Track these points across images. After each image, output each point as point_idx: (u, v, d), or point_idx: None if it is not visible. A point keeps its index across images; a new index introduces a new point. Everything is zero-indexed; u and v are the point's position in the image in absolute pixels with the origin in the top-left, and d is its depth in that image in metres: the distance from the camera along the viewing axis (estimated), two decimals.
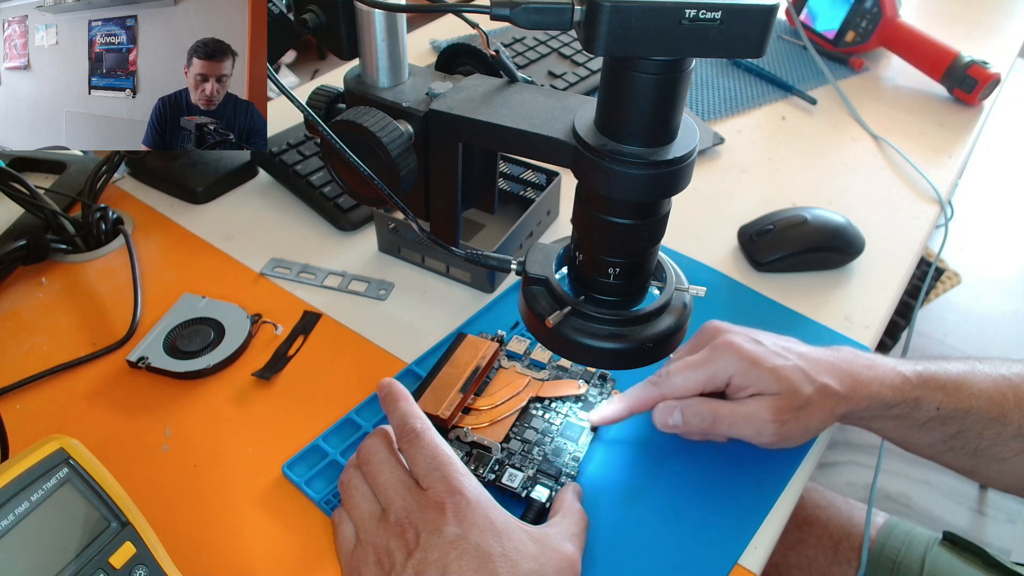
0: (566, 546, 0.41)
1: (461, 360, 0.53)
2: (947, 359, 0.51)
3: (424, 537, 0.39)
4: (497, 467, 0.49)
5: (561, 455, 0.50)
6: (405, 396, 0.45)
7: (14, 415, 0.52)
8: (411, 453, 0.42)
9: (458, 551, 0.38)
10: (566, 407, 0.53)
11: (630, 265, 0.41)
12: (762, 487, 0.49)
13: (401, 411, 0.44)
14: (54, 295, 0.62)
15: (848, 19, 0.99)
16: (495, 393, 0.53)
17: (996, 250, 2.15)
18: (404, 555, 0.39)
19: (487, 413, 0.52)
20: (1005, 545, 1.43)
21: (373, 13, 0.42)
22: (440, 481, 0.40)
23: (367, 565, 0.40)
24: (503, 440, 0.50)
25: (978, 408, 0.49)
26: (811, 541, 0.70)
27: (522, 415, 0.52)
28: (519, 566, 0.38)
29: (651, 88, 0.33)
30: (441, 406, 0.50)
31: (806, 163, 0.82)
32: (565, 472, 0.48)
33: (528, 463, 0.49)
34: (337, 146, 0.40)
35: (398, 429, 0.43)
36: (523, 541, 0.40)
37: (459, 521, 0.39)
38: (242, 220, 0.70)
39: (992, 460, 0.50)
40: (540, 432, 0.51)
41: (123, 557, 0.38)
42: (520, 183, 0.70)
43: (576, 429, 0.51)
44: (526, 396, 0.53)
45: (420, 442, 0.42)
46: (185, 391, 0.54)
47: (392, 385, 0.46)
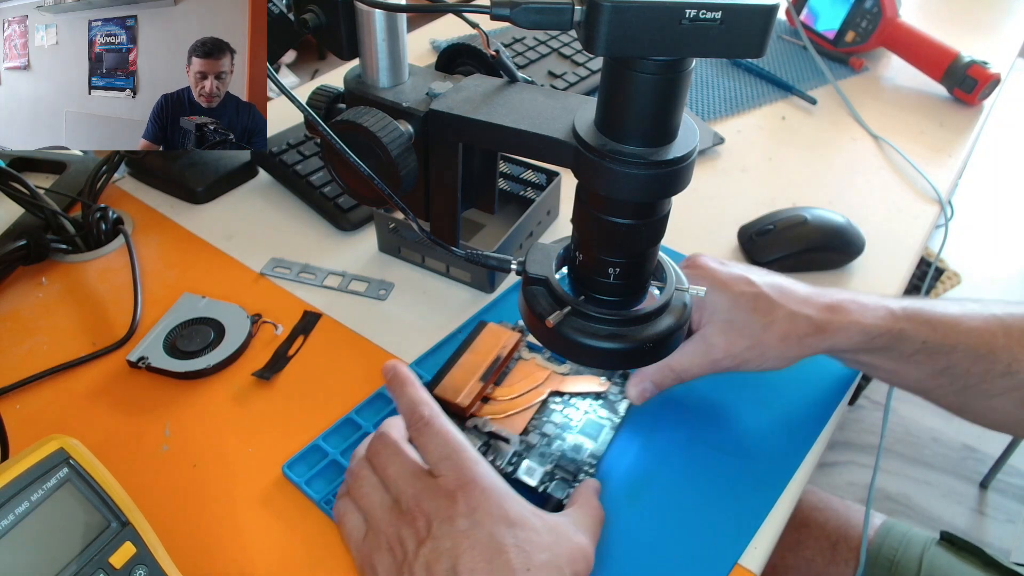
0: (581, 537, 0.41)
1: (482, 348, 0.52)
2: (938, 300, 0.51)
3: (436, 526, 0.38)
4: (515, 459, 0.48)
5: (580, 452, 0.49)
6: (412, 381, 0.44)
7: (14, 415, 0.52)
8: (421, 441, 0.41)
9: (470, 541, 0.37)
10: (586, 403, 0.52)
11: (630, 265, 0.41)
12: (762, 487, 0.49)
13: (409, 397, 0.43)
14: (54, 295, 0.62)
15: (848, 19, 0.99)
16: (515, 384, 0.52)
17: (996, 250, 2.15)
18: (416, 543, 0.38)
19: (506, 404, 0.51)
20: (1005, 545, 1.43)
21: (373, 13, 0.42)
22: (452, 469, 0.39)
23: (379, 552, 0.40)
24: (522, 432, 0.49)
25: (966, 344, 0.48)
26: (809, 543, 0.70)
27: (541, 408, 0.51)
28: (532, 557, 0.37)
29: (651, 88, 0.33)
30: (460, 394, 0.49)
31: (806, 163, 0.82)
32: (584, 469, 0.48)
33: (546, 458, 0.49)
34: (337, 146, 0.40)
35: (407, 416, 0.42)
36: (537, 531, 0.39)
37: (471, 510, 0.38)
38: (242, 220, 0.70)
39: (980, 396, 0.50)
40: (559, 427, 0.50)
41: (123, 557, 0.38)
42: (520, 183, 0.70)
43: (596, 426, 0.51)
44: (546, 389, 0.52)
45: (430, 430, 0.41)
46: (185, 391, 0.54)
47: (397, 368, 0.44)
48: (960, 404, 0.51)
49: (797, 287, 0.50)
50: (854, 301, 0.49)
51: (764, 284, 0.49)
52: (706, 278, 0.49)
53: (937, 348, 0.48)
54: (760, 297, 0.48)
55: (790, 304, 0.48)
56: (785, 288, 0.49)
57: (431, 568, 0.37)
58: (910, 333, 0.48)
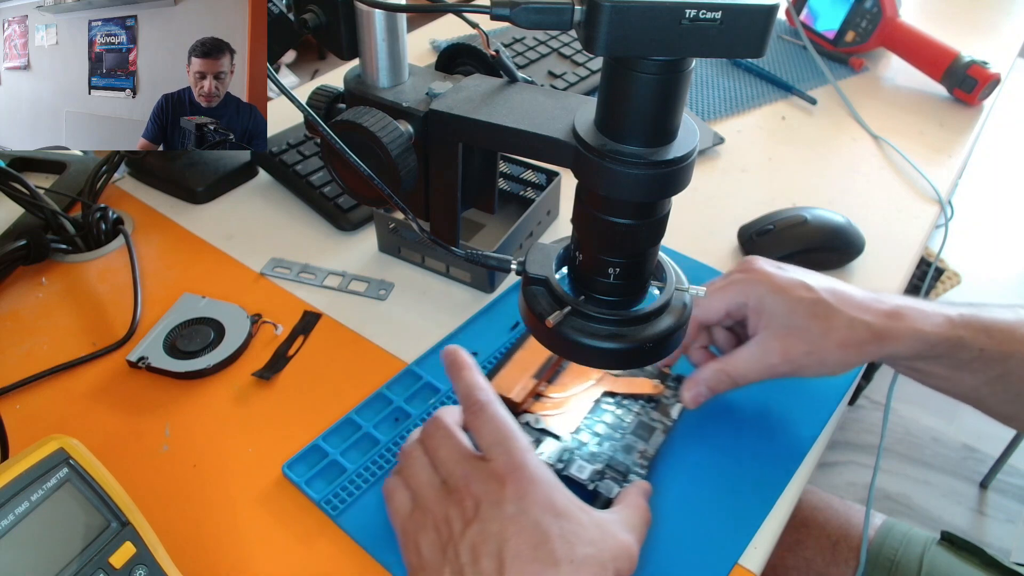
0: (627, 536, 0.41)
1: (536, 345, 0.52)
2: (990, 305, 0.51)
3: (484, 508, 0.38)
4: (566, 456, 0.48)
5: (631, 452, 0.49)
6: (470, 365, 0.44)
7: (14, 415, 0.52)
8: (476, 424, 0.42)
9: (517, 526, 0.37)
10: (638, 406, 0.52)
11: (630, 265, 0.41)
12: (762, 487, 0.49)
13: (466, 381, 0.43)
14: (54, 295, 0.62)
15: (848, 19, 0.99)
16: (567, 383, 0.52)
17: (996, 250, 2.15)
18: (463, 524, 0.38)
19: (558, 402, 0.51)
20: (1005, 545, 1.43)
21: (373, 13, 0.42)
22: (503, 455, 0.40)
23: (424, 530, 0.40)
24: (573, 431, 0.50)
25: (1022, 352, 0.48)
26: (809, 543, 0.70)
27: (593, 408, 0.52)
28: (576, 549, 0.38)
29: (651, 88, 0.33)
30: (514, 389, 0.50)
31: (806, 163, 0.82)
32: (634, 470, 0.48)
33: (597, 457, 0.49)
34: (337, 146, 0.39)
35: (463, 400, 0.43)
36: (583, 524, 0.39)
37: (520, 496, 0.38)
38: (242, 220, 0.70)
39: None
40: (611, 427, 0.50)
41: (123, 557, 0.38)
42: (520, 183, 0.70)
43: (648, 428, 0.51)
44: (599, 390, 0.52)
45: (485, 414, 0.41)
46: (185, 391, 0.54)
47: (457, 352, 0.45)
48: (1013, 413, 0.51)
49: (854, 292, 0.49)
50: (913, 307, 0.49)
51: (822, 289, 0.49)
52: (763, 283, 0.49)
53: (994, 356, 0.48)
54: (819, 303, 0.48)
55: (849, 310, 0.48)
56: (843, 293, 0.49)
57: (476, 549, 0.37)
58: (968, 341, 0.48)
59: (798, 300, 0.48)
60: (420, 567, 0.40)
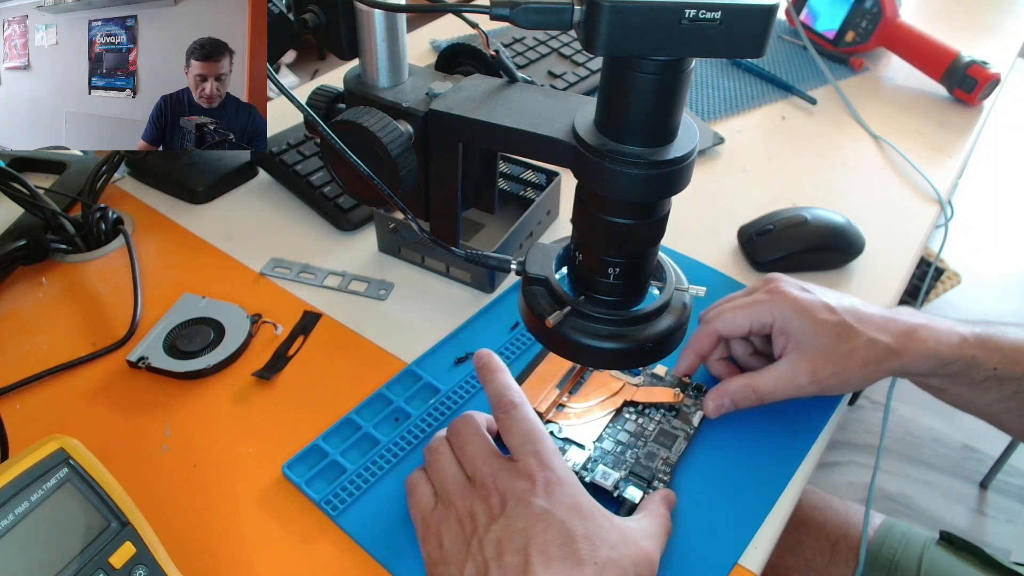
0: (648, 543, 0.41)
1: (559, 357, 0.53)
2: (1004, 324, 0.52)
3: (511, 505, 0.39)
4: (590, 464, 0.49)
5: (654, 460, 0.49)
6: (503, 368, 0.45)
7: (14, 415, 0.52)
8: (506, 424, 0.42)
9: (544, 524, 0.38)
10: (659, 415, 0.53)
11: (630, 265, 0.41)
12: (762, 487, 0.49)
13: (499, 382, 0.44)
14: (54, 295, 0.62)
15: (848, 19, 0.99)
16: (590, 393, 0.53)
17: (996, 250, 2.15)
18: (488, 519, 0.39)
19: (581, 412, 0.52)
20: (1004, 545, 1.43)
21: (373, 13, 0.42)
22: (532, 455, 0.40)
23: (447, 524, 0.40)
24: (596, 439, 0.50)
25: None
26: (809, 543, 0.70)
27: (615, 417, 0.52)
28: (600, 552, 0.38)
29: (651, 88, 0.33)
30: (537, 400, 0.51)
31: (806, 163, 0.82)
32: (658, 477, 0.48)
33: (621, 464, 0.49)
34: (337, 146, 0.40)
35: (494, 400, 0.44)
36: (606, 528, 0.40)
37: (548, 495, 0.39)
38: (242, 220, 0.70)
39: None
40: (633, 435, 0.51)
41: (123, 557, 0.38)
42: (520, 183, 0.70)
43: (670, 436, 0.51)
44: (620, 399, 0.53)
45: (516, 414, 0.42)
46: (185, 391, 0.54)
47: (490, 357, 0.46)
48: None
49: (872, 311, 0.51)
50: (927, 327, 0.50)
51: (844, 310, 0.50)
52: (789, 304, 0.51)
53: (1008, 375, 0.49)
54: (842, 325, 0.50)
55: (869, 331, 0.49)
56: (862, 314, 0.50)
57: (501, 544, 0.38)
58: (982, 360, 0.49)
59: (823, 323, 0.50)
60: (441, 560, 0.40)
